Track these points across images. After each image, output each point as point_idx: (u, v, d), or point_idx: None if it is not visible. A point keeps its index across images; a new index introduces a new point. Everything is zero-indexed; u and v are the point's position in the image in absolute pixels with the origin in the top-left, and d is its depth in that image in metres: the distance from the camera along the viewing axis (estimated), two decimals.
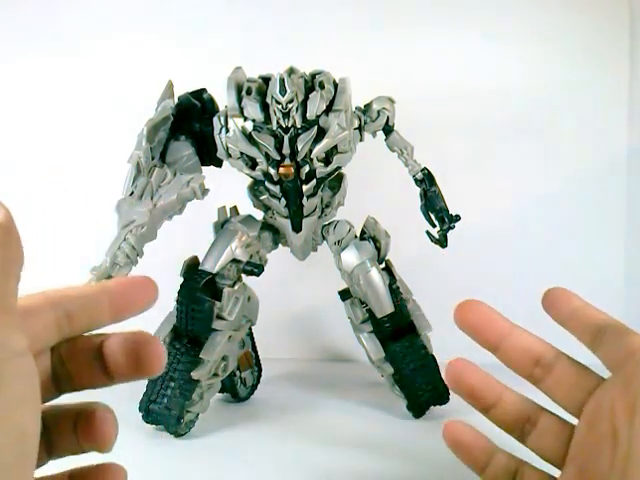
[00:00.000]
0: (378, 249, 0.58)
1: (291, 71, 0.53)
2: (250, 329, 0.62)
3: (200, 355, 0.53)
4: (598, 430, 0.27)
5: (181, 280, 0.55)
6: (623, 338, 0.28)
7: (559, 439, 0.30)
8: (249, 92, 0.52)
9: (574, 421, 0.30)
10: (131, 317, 0.26)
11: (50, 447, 0.25)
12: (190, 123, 0.55)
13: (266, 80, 0.52)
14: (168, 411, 0.53)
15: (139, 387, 0.54)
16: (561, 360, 0.31)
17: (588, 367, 0.31)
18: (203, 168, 0.56)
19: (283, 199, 0.55)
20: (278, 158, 0.52)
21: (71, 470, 0.26)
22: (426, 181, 0.56)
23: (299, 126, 0.51)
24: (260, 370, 0.66)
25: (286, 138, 0.51)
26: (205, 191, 0.53)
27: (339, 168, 0.55)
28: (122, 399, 0.58)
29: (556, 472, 0.31)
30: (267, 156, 0.52)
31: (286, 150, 0.51)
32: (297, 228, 0.57)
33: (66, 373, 0.25)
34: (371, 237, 0.58)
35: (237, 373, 0.62)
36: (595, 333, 0.30)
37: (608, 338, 0.29)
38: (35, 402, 0.21)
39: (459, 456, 0.33)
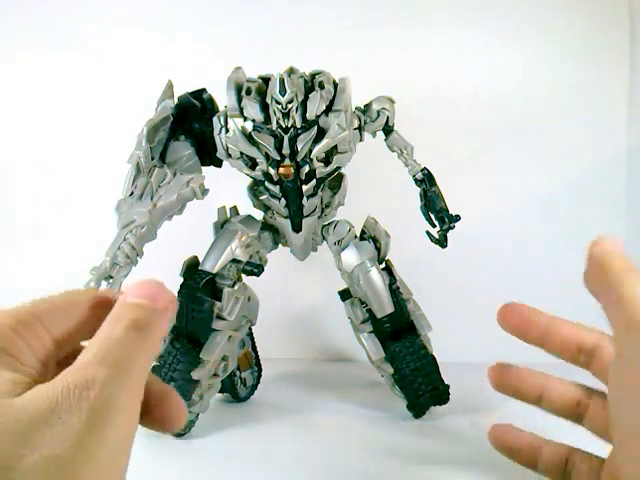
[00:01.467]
0: (378, 249, 0.58)
1: (291, 71, 0.53)
2: (250, 329, 0.62)
3: (200, 355, 0.53)
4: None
5: (181, 280, 0.55)
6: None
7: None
8: (249, 92, 0.52)
9: None
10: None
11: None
12: (190, 123, 0.55)
13: (266, 80, 0.52)
14: None
15: None
16: (602, 341, 0.30)
17: None
18: (203, 168, 0.56)
19: (283, 199, 0.55)
20: (278, 158, 0.52)
21: None
22: (426, 181, 0.56)
23: (299, 126, 0.51)
24: (260, 370, 0.66)
25: (286, 138, 0.51)
26: (205, 191, 0.53)
27: (339, 168, 0.55)
28: None
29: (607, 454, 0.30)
30: (267, 156, 0.52)
31: (286, 150, 0.51)
32: (297, 228, 0.57)
33: None
34: (371, 237, 0.58)
35: (237, 373, 0.62)
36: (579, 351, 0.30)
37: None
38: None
39: (509, 457, 0.33)
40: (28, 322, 0.22)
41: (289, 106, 0.50)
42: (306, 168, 0.53)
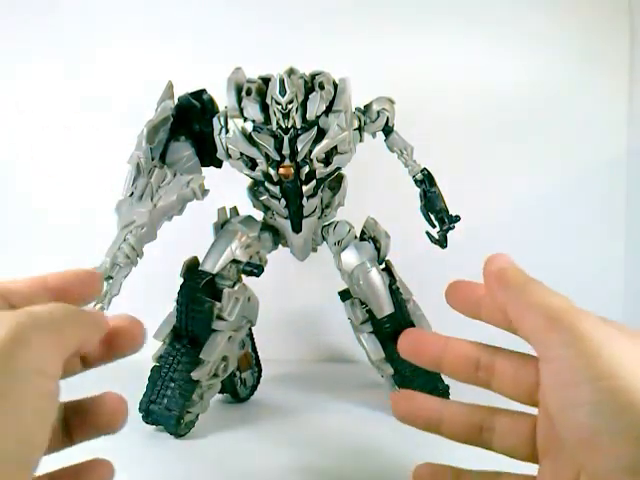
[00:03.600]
0: (378, 249, 0.58)
1: (291, 72, 0.53)
2: (250, 330, 0.62)
3: (200, 356, 0.53)
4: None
5: (181, 280, 0.55)
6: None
7: (523, 434, 0.30)
8: (249, 93, 0.52)
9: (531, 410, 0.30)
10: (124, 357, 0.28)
11: (70, 435, 0.27)
12: (190, 124, 0.55)
13: (266, 81, 0.52)
14: (168, 412, 0.53)
15: (139, 387, 0.54)
16: (499, 356, 0.31)
17: (528, 354, 0.30)
18: (203, 169, 0.56)
19: (283, 200, 0.55)
20: (278, 159, 0.52)
21: (59, 469, 0.26)
22: (426, 182, 0.56)
23: (299, 127, 0.51)
24: (260, 371, 0.66)
25: (286, 139, 0.51)
26: (205, 192, 0.53)
27: (339, 169, 0.55)
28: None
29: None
30: (267, 157, 0.52)
31: (286, 151, 0.51)
32: (297, 229, 0.57)
33: None
34: (371, 237, 0.58)
35: (237, 374, 0.62)
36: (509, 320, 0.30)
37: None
38: (47, 420, 0.22)
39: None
40: None
41: (289, 107, 0.50)
42: (306, 169, 0.53)
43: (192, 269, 0.55)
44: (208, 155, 0.55)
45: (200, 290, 0.54)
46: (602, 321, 0.25)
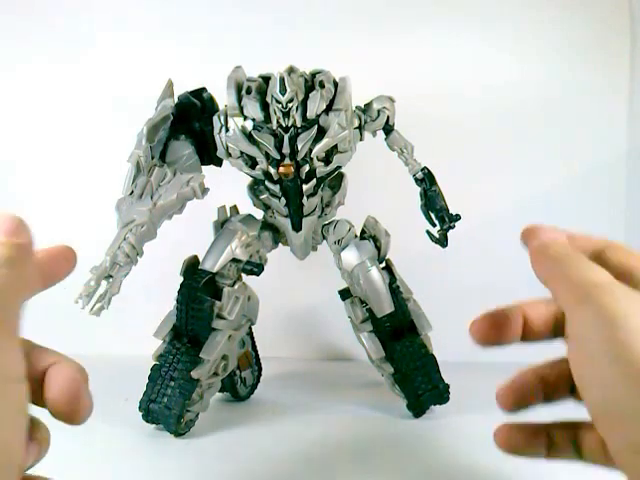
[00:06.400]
0: (378, 248, 0.58)
1: (291, 70, 0.53)
2: (250, 328, 0.62)
3: (200, 354, 0.53)
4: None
5: (181, 279, 0.55)
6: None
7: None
8: (249, 91, 0.52)
9: None
10: (56, 283, 0.26)
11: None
12: (190, 122, 0.55)
13: (266, 79, 0.52)
14: (168, 410, 0.53)
15: (139, 386, 0.54)
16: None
17: None
18: (203, 167, 0.56)
19: (283, 198, 0.55)
20: (278, 157, 0.52)
21: None
22: (426, 180, 0.56)
23: (299, 125, 0.51)
24: (260, 369, 0.66)
25: (286, 137, 0.51)
26: (205, 190, 0.53)
27: (339, 167, 0.55)
28: (121, 398, 0.59)
29: None
30: (267, 155, 0.52)
31: (286, 149, 0.51)
32: (297, 227, 0.57)
33: None
34: (371, 236, 0.58)
35: (237, 372, 0.62)
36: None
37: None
38: (20, 425, 0.21)
39: (521, 455, 0.32)
40: None
41: (289, 105, 0.50)
42: (306, 167, 0.53)
43: (192, 268, 0.55)
44: (208, 154, 0.55)
45: (200, 289, 0.54)
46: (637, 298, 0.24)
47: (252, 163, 0.54)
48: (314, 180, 0.54)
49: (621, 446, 0.23)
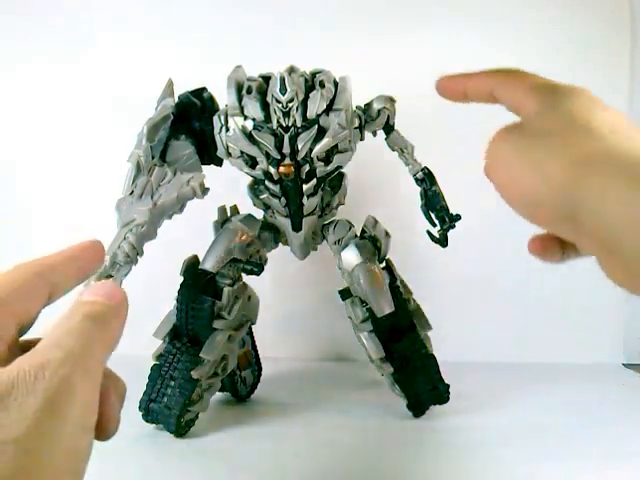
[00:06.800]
0: (378, 248, 0.58)
1: (291, 70, 0.53)
2: (250, 328, 0.62)
3: (200, 354, 0.53)
4: None
5: (181, 279, 0.55)
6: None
7: None
8: (249, 91, 0.52)
9: None
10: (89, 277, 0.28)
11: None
12: (190, 122, 0.55)
13: (266, 79, 0.52)
14: (168, 410, 0.53)
15: (139, 386, 0.54)
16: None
17: None
18: (203, 167, 0.56)
19: (283, 198, 0.55)
20: (278, 157, 0.52)
21: None
22: (426, 180, 0.56)
23: (299, 125, 0.51)
24: (260, 369, 0.66)
25: (286, 137, 0.51)
26: (205, 190, 0.53)
27: (339, 167, 0.55)
28: None
29: None
30: (267, 155, 0.52)
31: (286, 149, 0.51)
32: (297, 227, 0.57)
33: None
34: (371, 236, 0.58)
35: (237, 372, 0.62)
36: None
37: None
38: (77, 471, 0.22)
39: (547, 257, 0.35)
40: None
41: (289, 105, 0.50)
42: (306, 167, 0.53)
43: (192, 268, 0.55)
44: (208, 153, 0.55)
45: (200, 289, 0.54)
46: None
47: (252, 163, 0.54)
48: (314, 180, 0.54)
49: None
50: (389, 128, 0.57)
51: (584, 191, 0.24)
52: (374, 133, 0.57)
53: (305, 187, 0.54)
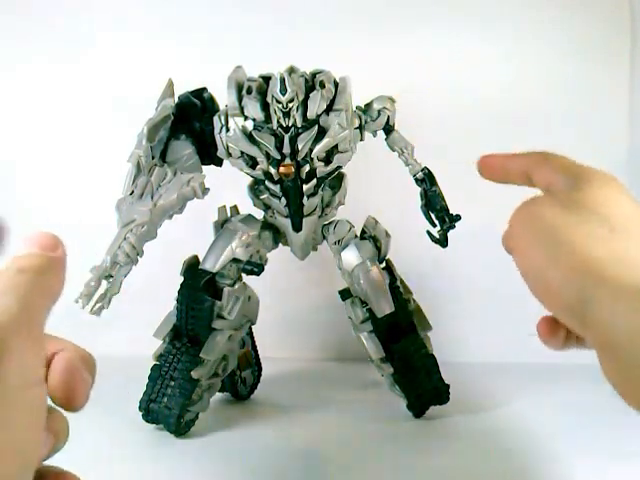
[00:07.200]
0: (378, 248, 0.58)
1: (291, 70, 0.53)
2: (250, 328, 0.62)
3: (200, 354, 0.53)
4: None
5: (181, 279, 0.55)
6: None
7: None
8: (249, 91, 0.52)
9: None
10: None
11: None
12: (190, 122, 0.55)
13: (266, 79, 0.52)
14: (168, 410, 0.53)
15: (139, 386, 0.54)
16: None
17: None
18: (203, 167, 0.56)
19: (283, 198, 0.55)
20: (278, 157, 0.52)
21: None
22: (426, 181, 0.56)
23: (299, 125, 0.51)
24: (260, 369, 0.66)
25: (286, 137, 0.51)
26: (205, 190, 0.53)
27: (339, 167, 0.55)
28: (121, 398, 0.59)
29: None
30: (267, 155, 0.52)
31: (286, 149, 0.51)
32: (297, 227, 0.57)
33: None
34: (371, 237, 0.58)
35: (237, 372, 0.62)
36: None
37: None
38: (37, 427, 0.22)
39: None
40: None
41: (290, 105, 0.50)
42: (306, 167, 0.53)
43: (192, 268, 0.55)
44: (208, 154, 0.55)
45: (200, 289, 0.54)
46: None
47: (252, 163, 0.54)
48: (314, 180, 0.54)
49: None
50: (389, 128, 0.57)
51: (590, 295, 0.26)
52: (374, 133, 0.57)
53: (305, 187, 0.54)
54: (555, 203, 0.31)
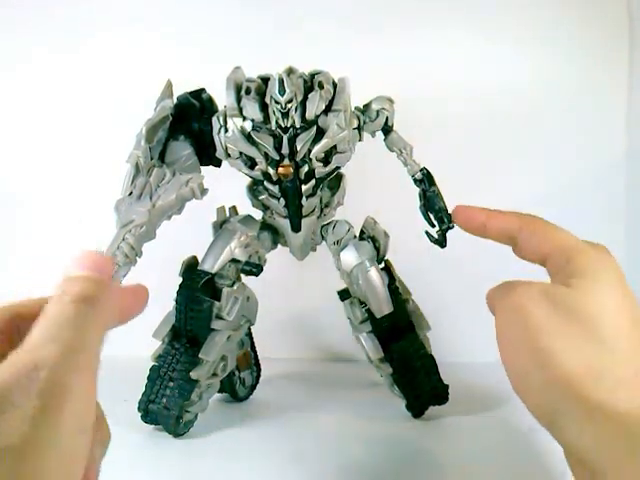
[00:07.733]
0: (377, 249, 0.58)
1: (290, 71, 0.53)
2: (249, 329, 0.62)
3: (199, 355, 0.53)
4: None
5: (180, 280, 0.55)
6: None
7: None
8: (248, 92, 0.52)
9: None
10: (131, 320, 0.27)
11: None
12: (189, 123, 0.55)
13: (265, 80, 0.52)
14: (167, 411, 0.53)
15: (138, 387, 0.54)
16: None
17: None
18: (202, 168, 0.56)
19: (282, 199, 0.55)
20: (277, 158, 0.52)
21: None
22: (425, 181, 0.56)
23: (298, 126, 0.51)
24: (259, 370, 0.66)
25: (285, 138, 0.51)
26: (204, 191, 0.53)
27: (338, 168, 0.55)
28: (120, 399, 0.59)
29: None
30: (266, 156, 0.52)
31: (285, 150, 0.51)
32: (296, 228, 0.57)
33: None
34: (370, 237, 0.58)
35: (236, 373, 0.62)
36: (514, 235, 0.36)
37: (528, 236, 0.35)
38: (75, 474, 0.21)
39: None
40: None
41: (288, 106, 0.50)
42: (305, 168, 0.53)
43: (191, 268, 0.55)
44: (207, 154, 0.55)
45: (199, 289, 0.54)
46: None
47: (251, 164, 0.54)
48: (313, 181, 0.54)
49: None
50: (388, 129, 0.57)
51: (563, 409, 0.27)
52: (373, 134, 0.57)
53: (304, 188, 0.54)
54: (543, 299, 0.30)
